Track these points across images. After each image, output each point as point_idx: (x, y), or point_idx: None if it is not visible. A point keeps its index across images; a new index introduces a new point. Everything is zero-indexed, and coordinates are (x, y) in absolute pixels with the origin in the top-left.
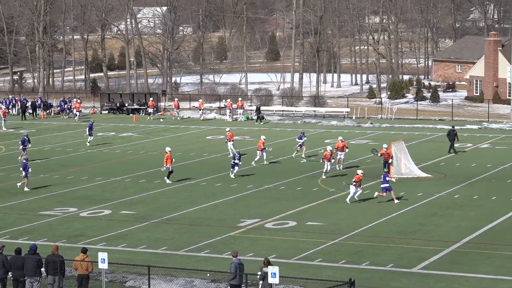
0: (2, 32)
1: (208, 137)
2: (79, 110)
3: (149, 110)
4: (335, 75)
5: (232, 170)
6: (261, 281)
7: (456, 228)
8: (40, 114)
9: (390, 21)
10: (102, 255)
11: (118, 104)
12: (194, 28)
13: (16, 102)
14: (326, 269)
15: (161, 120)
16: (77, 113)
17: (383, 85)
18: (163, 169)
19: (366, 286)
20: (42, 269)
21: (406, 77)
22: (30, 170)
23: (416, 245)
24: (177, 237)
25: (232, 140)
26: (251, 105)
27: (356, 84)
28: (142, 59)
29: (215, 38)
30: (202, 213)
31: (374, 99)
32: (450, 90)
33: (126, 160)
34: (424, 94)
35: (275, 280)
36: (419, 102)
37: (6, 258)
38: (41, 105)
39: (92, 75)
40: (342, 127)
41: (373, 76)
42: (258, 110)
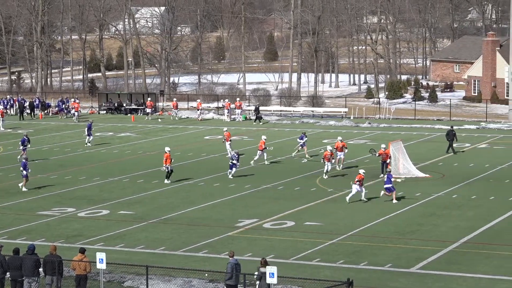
0: (0, 32)
1: (206, 137)
2: (78, 110)
3: (147, 110)
4: (333, 75)
5: (230, 170)
6: (258, 281)
7: (454, 228)
8: (38, 114)
9: (388, 21)
10: (100, 255)
11: (116, 104)
12: (192, 28)
13: (14, 102)
14: (324, 269)
15: (159, 120)
16: (76, 113)
17: (381, 85)
18: (163, 169)
19: (364, 286)
20: (40, 269)
21: (404, 77)
22: (29, 170)
23: (414, 245)
24: (175, 237)
25: (229, 140)
26: (249, 105)
27: (354, 84)
28: (140, 59)
29: (213, 38)
30: (200, 213)
31: (372, 99)
32: (448, 90)
33: (124, 160)
34: (422, 94)
35: (273, 280)
36: (417, 102)
37: (4, 258)
38: (39, 105)
39: (90, 75)
40: (340, 127)
41: (371, 76)
42: (257, 110)
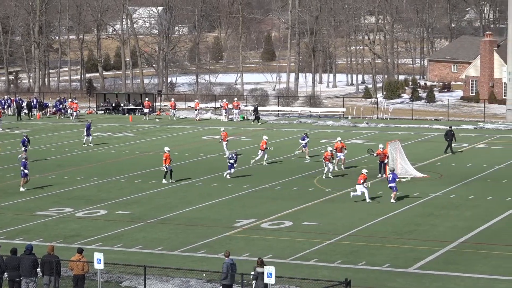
0: None
1: (204, 137)
2: (77, 110)
3: (145, 110)
4: (331, 75)
5: (229, 171)
6: (254, 281)
7: (452, 228)
8: (35, 114)
9: (385, 21)
10: (98, 255)
11: (113, 104)
12: (189, 28)
13: (11, 102)
14: (322, 269)
15: (157, 120)
16: (75, 113)
17: (379, 85)
18: (163, 169)
19: (362, 286)
20: (38, 270)
21: (401, 77)
22: (22, 171)
23: (412, 245)
24: (173, 237)
25: (226, 140)
26: (246, 105)
27: (352, 84)
28: (138, 59)
29: (210, 38)
30: (198, 213)
31: (370, 99)
32: (445, 90)
33: (122, 160)
34: (419, 94)
35: (271, 280)
36: (414, 102)
37: (2, 258)
38: (36, 105)
39: (87, 75)
40: (337, 127)
41: (369, 76)
42: (256, 110)
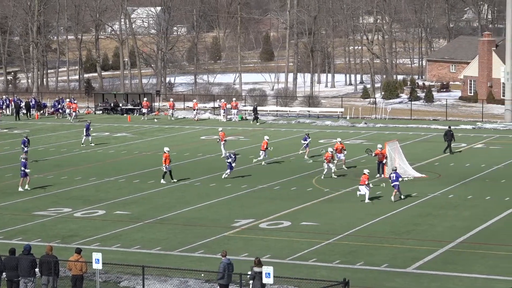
0: None
1: (203, 137)
2: (76, 110)
3: (143, 110)
4: (329, 75)
5: (229, 171)
6: (251, 281)
7: (450, 228)
8: (34, 114)
9: (384, 21)
10: (96, 256)
11: (112, 104)
12: (188, 28)
13: (10, 103)
14: (321, 269)
15: (155, 120)
16: (74, 113)
17: (377, 85)
18: (163, 169)
19: (360, 286)
20: (36, 270)
21: (400, 77)
22: (22, 171)
23: (410, 245)
24: (171, 237)
25: (224, 140)
26: (245, 105)
27: (350, 84)
28: (136, 59)
29: (209, 38)
30: (197, 213)
31: (368, 99)
32: (444, 90)
33: (120, 160)
34: (418, 94)
35: (270, 280)
36: (413, 102)
37: (0, 258)
38: (35, 106)
39: (86, 75)
40: (336, 127)
41: (367, 76)
42: (255, 110)
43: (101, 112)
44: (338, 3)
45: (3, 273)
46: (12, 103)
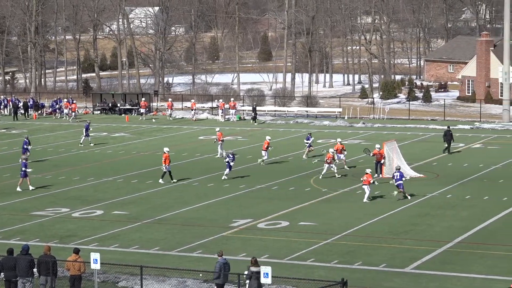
0: None
1: (201, 137)
2: (75, 110)
3: (141, 110)
4: (327, 75)
5: (227, 172)
6: (247, 280)
7: (448, 228)
8: (32, 114)
9: (382, 21)
10: (95, 256)
11: (110, 104)
12: (186, 28)
13: (7, 103)
14: (319, 269)
15: (153, 120)
16: (73, 114)
17: (375, 85)
18: (163, 169)
19: (358, 286)
20: (34, 270)
21: (398, 77)
22: (24, 171)
23: (408, 245)
24: (169, 238)
25: (221, 140)
26: (243, 105)
27: (348, 84)
28: (134, 59)
29: (207, 38)
30: (195, 213)
31: (366, 99)
32: (442, 90)
33: (118, 160)
34: (416, 94)
35: (268, 280)
36: (411, 102)
37: None
38: (33, 106)
39: (84, 75)
40: (334, 127)
41: (365, 76)
42: (254, 110)
43: (99, 112)
44: (336, 3)
45: (1, 273)
46: (10, 103)
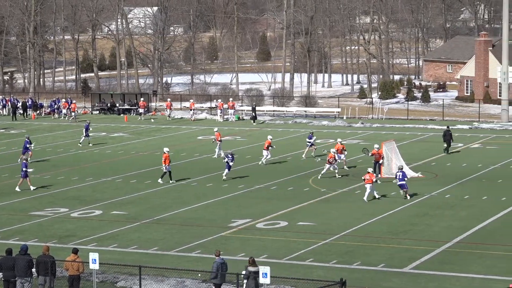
0: None
1: (199, 137)
2: (75, 110)
3: (140, 110)
4: (326, 75)
5: (227, 171)
6: (245, 280)
7: (447, 228)
8: (30, 114)
9: (380, 21)
10: (93, 256)
11: (109, 104)
12: (185, 28)
13: (6, 103)
14: (317, 269)
15: (152, 120)
16: (73, 114)
17: (374, 85)
18: (164, 169)
19: (357, 286)
20: (33, 270)
21: (397, 77)
22: (25, 171)
23: (407, 245)
24: (168, 238)
25: (219, 140)
26: (242, 105)
27: (347, 84)
28: (133, 59)
29: (206, 38)
30: (193, 213)
31: (365, 99)
32: (440, 90)
33: (117, 160)
34: (415, 94)
35: (266, 280)
36: (410, 102)
37: None
38: (31, 106)
39: (82, 75)
40: (333, 127)
41: (364, 76)
42: (254, 110)
43: (98, 112)
44: (334, 3)
45: (0, 273)
46: (9, 103)
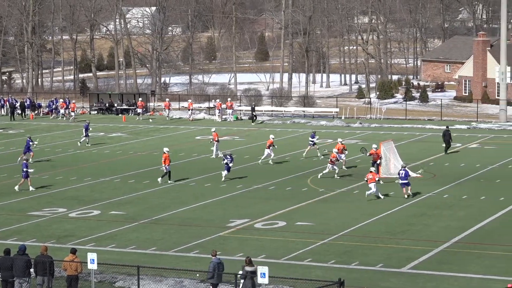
0: None
1: (198, 137)
2: (74, 110)
3: (138, 110)
4: (324, 75)
5: (227, 172)
6: (242, 280)
7: (445, 228)
8: (28, 114)
9: (379, 21)
10: (91, 256)
11: (107, 104)
12: (183, 28)
13: (4, 103)
14: (316, 269)
15: (150, 120)
16: (73, 113)
17: (372, 85)
18: (163, 169)
19: (355, 286)
20: (31, 270)
21: (395, 77)
22: (26, 171)
23: (405, 245)
24: (166, 238)
25: (217, 141)
26: (240, 106)
27: (345, 84)
28: (131, 59)
29: (204, 38)
30: (192, 214)
31: (363, 99)
32: (439, 90)
33: (115, 160)
34: (413, 94)
35: (265, 280)
36: (408, 102)
37: None
38: (29, 106)
39: (81, 75)
40: (331, 127)
41: (362, 76)
42: (253, 110)
43: (96, 112)
44: (333, 3)
45: None
46: (7, 103)
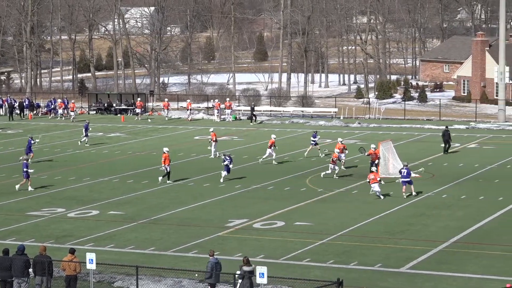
0: None
1: (196, 137)
2: (74, 110)
3: (137, 110)
4: (323, 75)
5: (226, 173)
6: (240, 280)
7: (443, 228)
8: (27, 114)
9: (377, 21)
10: (90, 256)
11: (106, 104)
12: (181, 28)
13: (3, 103)
14: (314, 269)
15: (149, 120)
16: (72, 113)
17: (371, 85)
18: (162, 169)
19: (354, 286)
20: (30, 270)
21: (393, 77)
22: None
23: (404, 245)
24: (165, 238)
25: (215, 140)
26: (239, 105)
27: (344, 84)
28: (130, 60)
29: (202, 38)
30: (190, 214)
31: (362, 99)
32: (437, 90)
33: (114, 160)
34: (411, 94)
35: (263, 280)
36: (406, 102)
37: None
38: (28, 106)
39: (79, 75)
40: (330, 127)
41: (361, 76)
42: (252, 110)
43: (94, 112)
44: (331, 3)
45: None
46: (6, 103)
